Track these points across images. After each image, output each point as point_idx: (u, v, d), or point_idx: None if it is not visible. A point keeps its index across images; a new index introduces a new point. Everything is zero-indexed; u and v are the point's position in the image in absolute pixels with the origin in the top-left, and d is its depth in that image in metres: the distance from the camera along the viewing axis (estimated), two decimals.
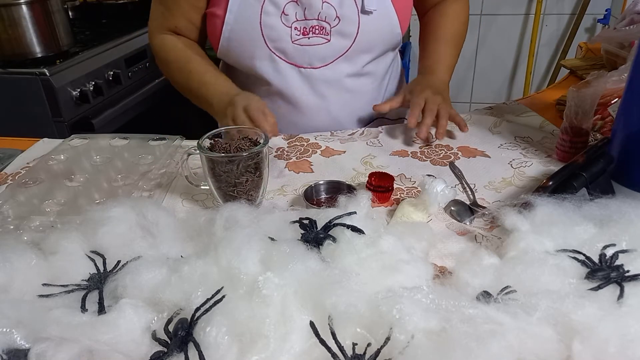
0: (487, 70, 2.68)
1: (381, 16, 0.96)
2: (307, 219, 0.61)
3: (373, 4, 0.93)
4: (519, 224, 0.59)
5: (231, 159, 0.69)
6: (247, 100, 0.88)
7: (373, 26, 0.96)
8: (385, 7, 0.96)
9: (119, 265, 0.56)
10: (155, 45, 1.04)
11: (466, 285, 0.52)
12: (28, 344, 0.46)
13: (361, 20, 0.94)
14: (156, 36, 1.04)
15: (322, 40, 0.95)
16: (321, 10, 0.93)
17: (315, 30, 0.94)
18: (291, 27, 0.94)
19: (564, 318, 0.45)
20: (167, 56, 1.02)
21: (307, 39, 0.95)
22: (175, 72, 1.03)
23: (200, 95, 0.98)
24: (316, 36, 0.95)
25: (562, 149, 0.85)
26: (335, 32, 0.95)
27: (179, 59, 1.01)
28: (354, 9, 0.93)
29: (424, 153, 0.91)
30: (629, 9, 1.23)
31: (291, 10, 0.93)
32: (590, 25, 2.48)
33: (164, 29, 1.03)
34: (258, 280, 0.48)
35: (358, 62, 1.00)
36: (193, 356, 0.44)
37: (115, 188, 0.81)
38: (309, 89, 1.01)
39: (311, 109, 1.03)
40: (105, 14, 2.19)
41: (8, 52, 1.58)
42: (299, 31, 0.94)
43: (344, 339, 0.44)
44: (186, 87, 1.01)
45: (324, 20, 0.94)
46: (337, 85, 1.01)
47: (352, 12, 0.93)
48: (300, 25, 0.94)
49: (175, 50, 1.02)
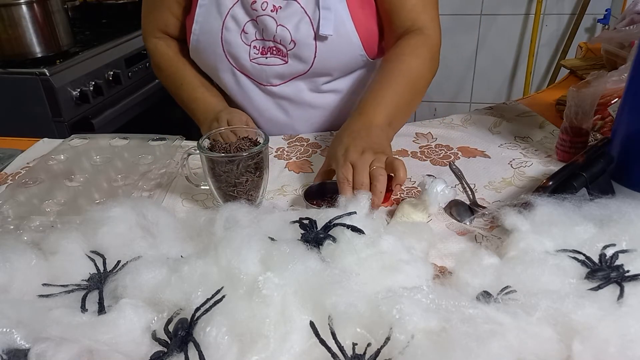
0: (487, 70, 2.68)
1: (341, 41, 0.91)
2: (307, 219, 0.61)
3: (328, 29, 0.89)
4: (519, 224, 0.59)
5: (231, 159, 0.69)
6: (230, 115, 0.89)
7: (331, 51, 0.92)
8: (345, 32, 0.90)
9: (119, 265, 0.56)
10: (149, 50, 1.06)
11: (466, 285, 0.52)
12: (28, 344, 0.46)
13: (318, 45, 0.91)
14: (149, 40, 1.05)
15: (280, 61, 0.94)
16: (276, 33, 0.91)
17: (273, 51, 0.93)
18: (250, 46, 0.93)
19: (564, 318, 0.45)
20: (159, 62, 1.04)
21: (265, 58, 0.94)
22: (166, 80, 1.05)
23: (189, 109, 1.00)
24: (274, 57, 0.94)
25: (562, 149, 0.85)
26: (292, 55, 0.93)
27: (169, 67, 1.03)
28: (310, 33, 0.90)
29: (424, 153, 0.91)
30: (629, 9, 1.23)
31: (251, 29, 0.92)
32: (590, 25, 2.48)
33: (156, 31, 1.04)
34: (258, 280, 0.48)
35: (317, 82, 0.98)
36: (193, 356, 0.44)
37: (115, 188, 0.81)
38: (272, 104, 1.01)
39: (275, 124, 1.02)
40: (105, 14, 2.19)
41: (8, 52, 1.58)
42: (257, 50, 0.94)
43: (344, 339, 0.44)
44: (177, 97, 1.03)
45: (280, 43, 0.92)
46: (299, 101, 1.00)
47: (308, 37, 0.90)
48: (258, 45, 0.93)
49: (167, 58, 1.03)
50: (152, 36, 1.04)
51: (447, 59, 2.62)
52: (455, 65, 2.68)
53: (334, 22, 0.89)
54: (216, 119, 0.90)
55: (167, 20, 1.02)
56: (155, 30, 1.04)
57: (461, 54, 2.64)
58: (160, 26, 1.03)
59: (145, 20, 1.05)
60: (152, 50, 1.05)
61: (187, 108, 1.01)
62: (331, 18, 0.89)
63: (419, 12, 0.92)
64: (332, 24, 0.89)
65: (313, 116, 1.03)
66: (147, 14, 1.04)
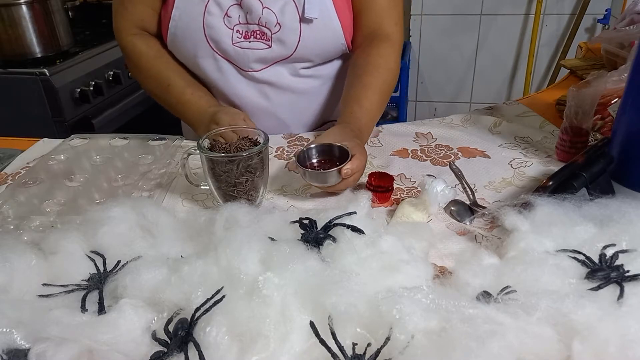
0: (487, 70, 2.68)
1: (323, 25, 0.93)
2: (307, 219, 0.61)
3: (314, 11, 0.90)
4: (519, 224, 0.59)
5: (231, 159, 0.69)
6: (227, 114, 0.88)
7: (314, 36, 0.93)
8: (328, 17, 0.92)
9: (119, 265, 0.56)
10: (125, 48, 1.00)
11: (466, 285, 0.52)
12: (28, 344, 0.46)
13: (302, 28, 0.92)
14: (125, 38, 0.99)
15: (263, 45, 0.94)
16: (261, 16, 0.91)
17: (257, 35, 0.93)
18: (233, 30, 0.93)
19: (564, 318, 0.45)
20: (139, 63, 0.99)
21: (248, 42, 0.94)
22: (148, 81, 1.00)
23: (179, 112, 0.99)
24: (257, 41, 0.94)
25: (562, 149, 0.85)
26: (276, 39, 0.93)
27: (151, 68, 0.98)
28: (295, 16, 0.91)
29: (424, 153, 0.91)
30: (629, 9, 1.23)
31: (234, 13, 0.92)
32: (590, 25, 2.48)
33: (132, 27, 0.99)
34: (258, 280, 0.48)
35: (297, 66, 0.98)
36: (193, 356, 0.44)
37: (115, 188, 0.81)
38: (253, 90, 1.00)
39: (257, 110, 1.01)
40: (105, 14, 2.18)
41: (8, 52, 1.58)
42: (240, 34, 0.93)
43: (344, 339, 0.44)
44: (162, 100, 1.00)
45: (265, 26, 0.92)
46: (280, 85, 1.00)
47: (293, 20, 0.91)
48: (242, 29, 0.93)
49: (147, 58, 0.98)
50: (127, 34, 0.98)
51: (447, 59, 2.62)
52: (455, 65, 2.68)
53: (319, 7, 0.91)
54: (214, 121, 0.89)
55: (142, 14, 0.97)
56: (130, 27, 0.98)
57: (461, 54, 2.64)
58: (136, 21, 0.98)
59: (118, 16, 0.99)
60: (130, 50, 0.99)
61: (176, 111, 0.99)
62: (316, 2, 0.90)
63: (384, 17, 0.96)
64: (317, 8, 0.91)
65: (293, 101, 1.02)
66: (119, 10, 0.99)
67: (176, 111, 0.99)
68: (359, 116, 0.89)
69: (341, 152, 0.76)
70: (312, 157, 0.78)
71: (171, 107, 0.99)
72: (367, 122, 0.90)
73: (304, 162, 0.77)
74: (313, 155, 0.78)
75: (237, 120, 0.86)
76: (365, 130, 0.89)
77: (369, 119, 0.91)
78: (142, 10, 0.97)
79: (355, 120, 0.87)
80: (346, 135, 0.80)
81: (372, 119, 0.92)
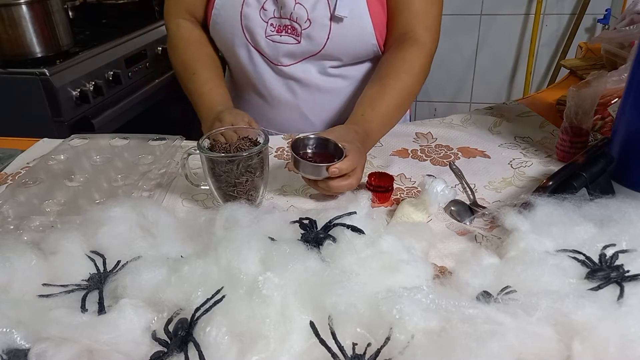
0: (487, 70, 2.68)
1: (354, 25, 0.93)
2: (307, 219, 0.61)
3: (345, 10, 0.91)
4: (519, 224, 0.59)
5: (231, 159, 0.69)
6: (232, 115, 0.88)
7: (344, 34, 0.94)
8: (360, 16, 0.92)
9: (119, 265, 0.56)
10: (170, 30, 1.04)
11: (466, 285, 0.52)
12: (28, 344, 0.46)
13: (332, 26, 0.93)
14: (172, 20, 1.03)
15: (293, 40, 0.96)
16: (293, 11, 0.93)
17: (288, 30, 0.95)
18: (267, 23, 0.96)
19: (564, 318, 0.45)
20: (177, 44, 1.03)
21: (279, 36, 0.96)
22: (179, 65, 1.03)
23: (194, 103, 1.00)
24: (288, 35, 0.96)
25: (562, 149, 0.85)
26: (305, 35, 0.95)
27: (185, 52, 1.02)
28: (326, 13, 0.92)
29: (424, 153, 0.91)
30: (629, 9, 1.24)
31: (270, 7, 0.95)
32: (590, 25, 2.48)
33: (182, 11, 1.03)
34: (258, 280, 0.48)
35: (326, 64, 0.99)
36: (193, 356, 0.44)
37: (115, 188, 0.81)
38: (281, 84, 1.02)
39: (283, 104, 1.04)
40: (105, 14, 2.18)
41: (8, 52, 1.58)
42: (273, 27, 0.96)
43: (344, 339, 0.44)
44: (185, 86, 1.02)
45: (295, 21, 0.94)
46: (307, 82, 1.01)
47: (323, 17, 0.92)
48: (275, 22, 0.96)
49: (185, 42, 1.02)
50: (176, 16, 1.03)
51: (447, 59, 2.62)
52: (455, 65, 2.68)
53: (350, 6, 0.91)
54: (218, 119, 0.89)
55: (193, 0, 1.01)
56: (180, 10, 1.03)
57: (461, 54, 2.64)
58: (187, 6, 1.02)
59: (170, 2, 1.03)
60: (173, 31, 1.03)
61: (193, 101, 1.01)
62: (348, 0, 0.91)
63: (416, 20, 0.94)
64: (349, 7, 0.91)
65: (319, 100, 1.04)
66: None
67: (192, 101, 1.01)
68: (370, 119, 0.87)
69: (337, 150, 0.75)
70: (307, 147, 0.77)
71: (190, 95, 1.01)
72: (377, 127, 0.87)
73: (298, 150, 0.76)
74: (309, 145, 0.77)
75: (239, 121, 0.86)
76: (373, 135, 0.87)
77: (381, 124, 0.88)
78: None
79: (364, 122, 0.86)
80: (348, 137, 0.79)
81: (385, 124, 0.90)
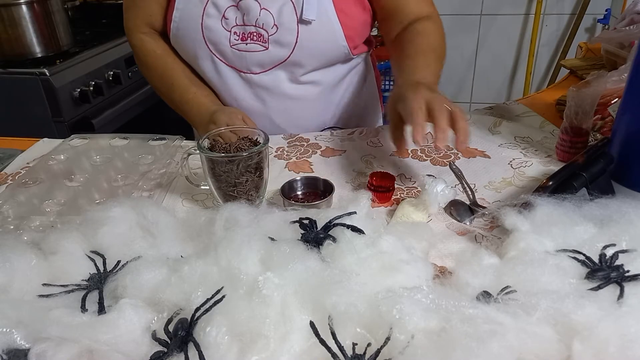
0: (487, 70, 2.68)
1: (322, 27, 0.92)
2: (307, 219, 0.61)
3: (312, 13, 0.89)
4: (519, 224, 0.59)
5: (231, 159, 0.69)
6: (225, 114, 0.88)
7: (313, 37, 0.92)
8: (327, 18, 0.91)
9: (119, 265, 0.56)
10: (134, 46, 1.03)
11: (466, 285, 0.52)
12: (28, 344, 0.46)
13: (300, 30, 0.91)
14: (134, 35, 1.02)
15: (260, 47, 0.93)
16: (259, 17, 0.91)
17: (253, 37, 0.93)
18: (230, 32, 0.93)
19: (564, 318, 0.45)
20: (146, 60, 1.02)
21: (245, 44, 0.94)
22: (155, 79, 1.02)
23: (182, 111, 1.00)
24: (254, 43, 0.93)
25: (562, 149, 0.85)
26: (272, 41, 0.93)
27: (158, 66, 1.01)
28: (293, 17, 0.90)
29: (424, 152, 0.91)
30: (629, 9, 1.24)
31: (231, 15, 0.92)
32: (590, 25, 2.48)
33: (141, 25, 1.01)
34: (258, 280, 0.48)
35: (297, 72, 0.97)
36: (193, 356, 0.44)
37: (115, 188, 0.81)
38: (250, 93, 1.00)
39: (253, 114, 1.01)
40: (105, 14, 2.19)
41: (8, 52, 1.58)
42: (237, 36, 0.93)
43: (344, 339, 0.44)
44: (168, 98, 1.02)
45: (262, 28, 0.92)
46: (277, 91, 0.99)
47: (291, 21, 0.91)
48: (239, 31, 0.93)
49: (154, 56, 1.01)
50: (137, 31, 1.01)
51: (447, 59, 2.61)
52: (455, 65, 2.68)
53: (317, 9, 0.90)
54: (212, 120, 0.89)
55: (151, 10, 0.99)
56: (140, 24, 1.01)
57: (461, 54, 2.64)
58: (145, 18, 1.00)
59: (129, 14, 1.02)
60: (138, 47, 1.02)
61: (180, 110, 1.00)
62: (314, 3, 0.90)
63: (422, 6, 0.97)
64: (316, 10, 0.90)
65: (290, 108, 1.02)
66: (130, 7, 1.01)
67: (180, 110, 1.00)
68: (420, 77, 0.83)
69: (326, 185, 0.76)
70: (296, 189, 0.78)
71: (175, 105, 1.01)
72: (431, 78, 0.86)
73: (289, 194, 0.76)
74: (298, 187, 0.78)
75: (234, 120, 0.86)
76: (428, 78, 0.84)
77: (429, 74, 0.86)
78: (151, 7, 0.99)
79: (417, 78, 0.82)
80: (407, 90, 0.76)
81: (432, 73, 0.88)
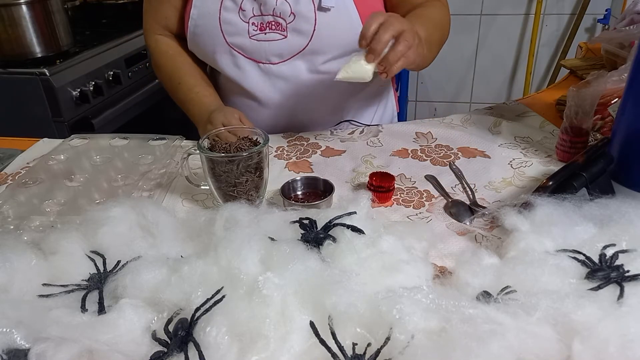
0: (487, 70, 2.68)
1: (340, 14, 0.93)
2: (307, 219, 0.61)
3: (331, 0, 0.91)
4: (519, 224, 0.59)
5: (231, 159, 0.69)
6: (222, 114, 0.89)
7: (331, 24, 0.93)
8: (344, 6, 0.93)
9: (119, 265, 0.56)
10: (150, 47, 1.07)
11: (466, 285, 0.52)
12: (28, 344, 0.46)
13: (318, 17, 0.92)
14: (151, 37, 1.06)
15: (279, 36, 0.95)
16: (275, 6, 0.92)
17: (272, 26, 0.94)
18: (248, 23, 0.95)
19: (564, 318, 0.45)
20: (159, 60, 1.05)
21: (264, 34, 0.95)
22: (165, 79, 1.05)
23: (186, 110, 1.01)
24: (273, 32, 0.95)
25: (562, 149, 0.85)
26: (291, 29, 0.94)
27: (168, 65, 1.04)
28: (310, 6, 0.92)
29: (424, 153, 0.91)
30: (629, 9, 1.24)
31: (248, 6, 0.94)
32: (590, 25, 2.48)
33: (157, 27, 1.04)
34: (258, 280, 0.48)
35: (316, 61, 0.98)
36: (193, 356, 0.44)
37: (115, 188, 0.81)
38: (269, 85, 1.01)
39: (272, 105, 1.02)
40: (105, 14, 2.18)
41: (8, 52, 1.58)
42: (256, 26, 0.95)
43: (344, 339, 0.44)
44: (175, 96, 1.04)
45: (279, 16, 0.93)
46: (296, 82, 1.00)
47: (308, 10, 0.92)
48: (257, 21, 0.94)
49: (166, 56, 1.04)
50: (153, 33, 1.05)
51: (447, 59, 2.62)
52: (455, 65, 2.68)
53: None
54: (209, 120, 0.90)
55: (167, 13, 1.02)
56: (156, 27, 1.04)
57: (461, 54, 2.64)
58: (161, 20, 1.03)
59: (147, 16, 1.05)
60: (153, 48, 1.05)
61: (184, 108, 1.02)
62: None
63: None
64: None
65: (308, 99, 1.03)
66: (148, 10, 1.05)
67: (184, 108, 1.02)
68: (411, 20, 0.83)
69: (326, 185, 0.76)
70: (296, 189, 0.78)
71: (181, 104, 1.03)
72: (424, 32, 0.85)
73: (288, 194, 0.76)
74: (298, 187, 0.78)
75: (230, 119, 0.86)
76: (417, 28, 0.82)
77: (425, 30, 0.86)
78: (167, 9, 1.02)
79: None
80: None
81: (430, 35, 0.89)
